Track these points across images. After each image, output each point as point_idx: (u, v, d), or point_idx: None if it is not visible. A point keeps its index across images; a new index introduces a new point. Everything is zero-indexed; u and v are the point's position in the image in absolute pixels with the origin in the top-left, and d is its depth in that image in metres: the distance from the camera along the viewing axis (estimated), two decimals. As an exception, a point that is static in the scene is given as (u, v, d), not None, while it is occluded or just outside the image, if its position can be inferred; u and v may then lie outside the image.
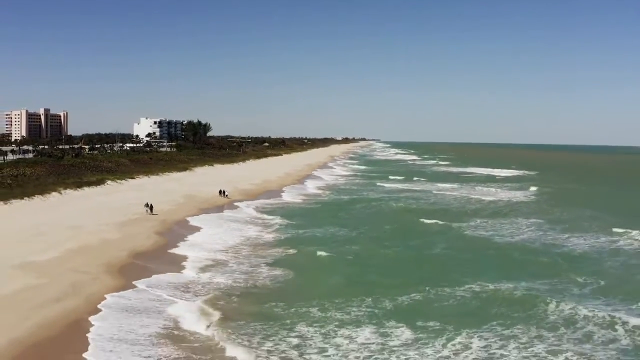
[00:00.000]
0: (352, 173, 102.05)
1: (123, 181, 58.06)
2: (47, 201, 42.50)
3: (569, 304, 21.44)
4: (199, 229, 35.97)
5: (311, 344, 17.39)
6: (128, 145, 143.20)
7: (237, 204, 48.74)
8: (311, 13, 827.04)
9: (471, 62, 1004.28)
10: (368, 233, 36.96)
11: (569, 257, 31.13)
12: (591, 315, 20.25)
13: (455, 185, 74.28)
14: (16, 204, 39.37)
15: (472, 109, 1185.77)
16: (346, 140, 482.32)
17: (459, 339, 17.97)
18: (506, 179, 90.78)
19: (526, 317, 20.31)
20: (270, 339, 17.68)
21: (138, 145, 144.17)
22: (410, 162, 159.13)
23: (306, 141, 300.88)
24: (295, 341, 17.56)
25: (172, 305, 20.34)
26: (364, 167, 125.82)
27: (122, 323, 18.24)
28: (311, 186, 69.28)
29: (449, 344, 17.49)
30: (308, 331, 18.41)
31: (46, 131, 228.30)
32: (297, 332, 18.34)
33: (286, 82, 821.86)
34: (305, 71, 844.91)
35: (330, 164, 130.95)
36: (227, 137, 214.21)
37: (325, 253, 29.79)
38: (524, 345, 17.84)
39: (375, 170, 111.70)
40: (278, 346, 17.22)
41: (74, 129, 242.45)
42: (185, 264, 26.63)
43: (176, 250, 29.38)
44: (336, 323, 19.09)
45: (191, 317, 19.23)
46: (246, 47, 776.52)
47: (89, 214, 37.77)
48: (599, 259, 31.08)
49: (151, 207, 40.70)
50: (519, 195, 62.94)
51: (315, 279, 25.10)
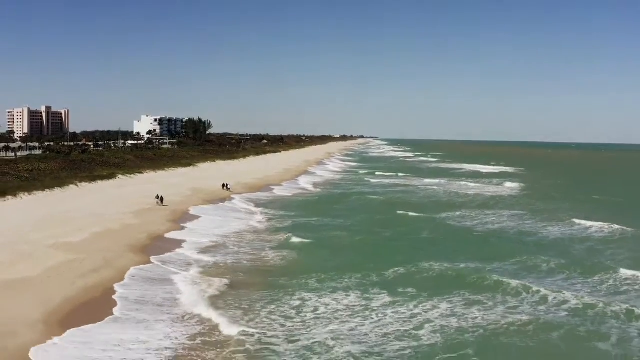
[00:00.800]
0: (347, 169, 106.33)
1: (132, 176, 61.82)
2: (66, 193, 46.21)
3: (531, 278, 25.14)
4: (206, 217, 39.71)
5: (308, 305, 21.06)
6: (130, 142, 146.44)
7: (239, 196, 52.45)
8: (310, 12, 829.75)
9: (470, 61, 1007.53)
10: (360, 222, 40.65)
11: (540, 243, 34.81)
12: (548, 286, 23.83)
13: (440, 181, 78.25)
14: (39, 195, 43.07)
15: (470, 108, 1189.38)
16: (344, 138, 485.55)
17: (430, 302, 21.60)
18: (491, 175, 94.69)
19: (492, 287, 23.67)
20: (273, 303, 21.39)
21: (140, 142, 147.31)
22: (402, 159, 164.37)
23: (304, 139, 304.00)
24: (293, 298, 21.33)
25: (184, 277, 23.96)
26: (359, 164, 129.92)
27: (143, 289, 21.92)
28: (309, 181, 73.11)
29: (420, 305, 21.15)
30: (303, 294, 22.13)
31: (47, 128, 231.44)
32: (295, 296, 22.07)
33: (284, 80, 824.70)
34: (303, 70, 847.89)
35: (328, 160, 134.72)
36: (225, 134, 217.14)
37: (321, 239, 33.50)
38: (486, 307, 21.42)
39: (369, 166, 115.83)
40: (280, 307, 20.88)
41: (74, 126, 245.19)
42: (196, 245, 30.27)
43: (187, 234, 33.06)
44: (330, 288, 22.83)
45: (200, 286, 22.78)
46: (245, 46, 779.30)
47: (106, 204, 41.47)
48: (567, 244, 34.61)
49: (161, 199, 44.25)
50: (501, 190, 66.74)
51: (311, 260, 28.48)
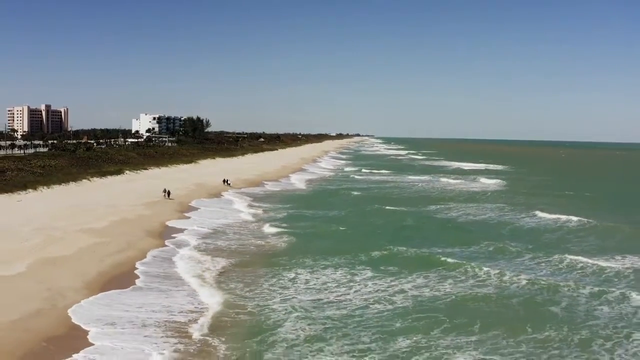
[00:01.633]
0: (340, 166, 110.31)
1: (138, 171, 65.63)
2: (81, 187, 50.02)
3: (500, 260, 28.90)
4: (210, 209, 43.57)
5: (300, 278, 24.84)
6: (129, 140, 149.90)
7: (240, 190, 56.33)
8: (307, 12, 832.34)
9: (468, 60, 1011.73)
10: (350, 214, 44.43)
11: (514, 231, 38.43)
12: (514, 266, 27.64)
13: (426, 177, 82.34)
14: (57, 188, 46.86)
15: (469, 107, 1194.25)
16: (340, 136, 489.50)
17: (407, 278, 25.34)
18: (480, 172, 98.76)
19: (464, 266, 27.18)
20: (273, 277, 25.20)
21: (140, 140, 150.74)
22: (393, 157, 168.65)
23: (300, 137, 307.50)
24: (289, 275, 25.22)
25: (195, 257, 27.76)
26: (352, 161, 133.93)
27: (162, 267, 25.71)
28: (304, 177, 77.05)
29: (397, 280, 24.90)
30: (298, 272, 25.85)
31: (47, 126, 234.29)
32: (289, 273, 25.82)
33: (281, 79, 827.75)
34: (299, 69, 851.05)
35: (323, 158, 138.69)
36: (222, 132, 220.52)
37: (314, 227, 37.34)
38: (457, 281, 25.16)
39: (361, 164, 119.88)
40: (278, 281, 24.66)
41: (73, 124, 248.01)
42: (203, 232, 34.10)
43: (194, 223, 36.79)
44: (323, 264, 26.69)
45: (209, 264, 26.57)
46: (242, 45, 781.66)
47: (118, 196, 45.24)
48: (540, 233, 38.16)
49: (168, 193, 47.91)
50: (485, 186, 70.64)
51: (305, 244, 31.96)
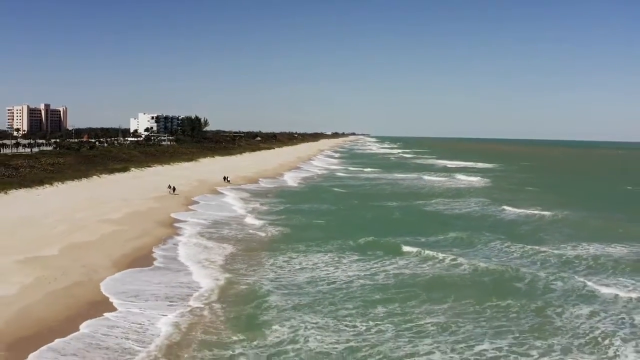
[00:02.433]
0: (335, 164, 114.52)
1: (143, 169, 69.37)
2: (92, 182, 53.70)
3: (477, 245, 32.68)
4: (213, 203, 47.43)
5: (295, 261, 28.58)
6: (129, 139, 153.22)
7: (240, 186, 60.13)
8: (306, 11, 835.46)
9: (466, 59, 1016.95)
10: (343, 207, 48.32)
11: (491, 223, 42.20)
12: (489, 250, 31.53)
13: (414, 175, 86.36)
14: (70, 184, 50.56)
15: (466, 106, 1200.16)
16: (336, 135, 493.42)
17: (390, 260, 29.00)
18: (463, 169, 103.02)
19: (444, 250, 30.91)
20: (271, 259, 28.98)
21: (139, 139, 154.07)
22: (383, 155, 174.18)
23: (296, 136, 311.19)
24: (282, 257, 29.00)
25: (205, 244, 31.51)
26: (346, 160, 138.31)
27: (177, 251, 29.47)
28: (300, 174, 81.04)
29: (381, 262, 28.65)
30: (292, 255, 29.62)
31: (46, 126, 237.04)
32: (286, 255, 29.63)
33: (278, 78, 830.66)
34: (297, 68, 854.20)
35: (318, 156, 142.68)
36: (218, 131, 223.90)
37: (309, 219, 41.15)
38: (436, 262, 28.73)
39: (354, 162, 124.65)
40: (276, 260, 28.46)
41: (71, 123, 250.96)
42: (208, 222, 37.84)
43: (200, 215, 40.58)
44: (315, 250, 30.48)
45: (217, 250, 30.30)
46: (238, 45, 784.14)
47: (128, 191, 48.96)
48: (517, 224, 41.89)
49: (174, 188, 51.52)
50: (471, 183, 74.62)
51: (300, 233, 35.66)
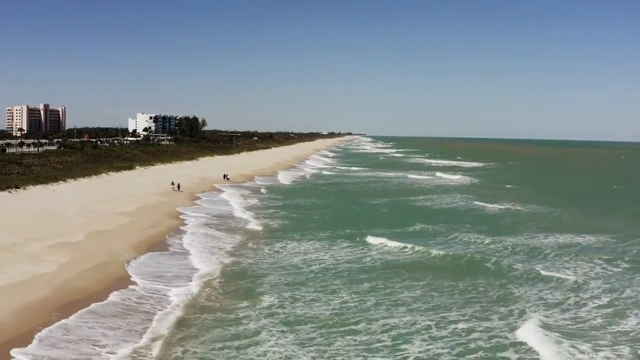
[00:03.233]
0: (329, 163, 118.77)
1: (147, 167, 73.01)
2: (102, 179, 57.28)
3: (454, 233, 36.26)
4: (215, 198, 51.16)
5: (290, 247, 32.16)
6: (129, 138, 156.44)
7: (240, 184, 63.80)
8: (300, 12, 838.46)
9: (464, 58, 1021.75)
10: (336, 202, 52.09)
11: (472, 216, 45.79)
12: (464, 237, 35.22)
13: (404, 173, 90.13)
14: (82, 180, 54.13)
15: (464, 107, 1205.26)
16: (332, 135, 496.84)
17: (377, 247, 32.65)
18: (458, 168, 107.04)
19: (425, 240, 34.77)
20: (268, 245, 32.61)
21: (138, 139, 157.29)
22: (375, 154, 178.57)
23: (292, 136, 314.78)
24: (279, 244, 32.64)
25: (212, 233, 35.13)
26: (340, 159, 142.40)
27: (189, 239, 33.04)
28: (297, 172, 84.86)
29: (367, 248, 32.30)
30: (291, 243, 33.27)
31: (45, 125, 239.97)
32: (284, 240, 33.29)
33: (274, 78, 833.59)
34: (292, 68, 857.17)
35: (314, 156, 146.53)
36: (215, 131, 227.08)
37: (304, 211, 44.85)
38: (418, 246, 32.41)
39: (347, 161, 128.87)
40: (274, 246, 32.10)
41: (70, 123, 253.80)
42: (212, 215, 41.59)
43: (204, 209, 44.34)
44: (307, 238, 34.12)
45: (221, 238, 33.98)
46: (234, 45, 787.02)
47: (136, 188, 52.53)
48: (498, 217, 45.57)
49: (178, 186, 54.83)
50: (458, 181, 78.42)
51: (296, 224, 39.44)
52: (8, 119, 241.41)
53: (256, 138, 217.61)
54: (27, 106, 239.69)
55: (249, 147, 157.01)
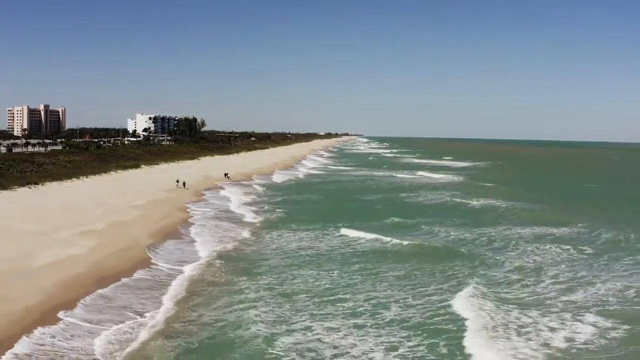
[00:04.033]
0: (326, 163, 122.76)
1: (152, 166, 76.80)
2: (111, 177, 61.04)
3: (438, 225, 39.97)
4: (219, 194, 54.95)
5: (286, 235, 35.92)
6: (129, 139, 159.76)
7: (240, 182, 67.66)
8: (298, 12, 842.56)
9: (462, 59, 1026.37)
10: (331, 198, 55.92)
11: (460, 209, 49.76)
12: (450, 228, 38.83)
13: (396, 172, 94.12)
14: (93, 178, 57.90)
15: (462, 107, 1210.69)
16: (329, 136, 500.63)
17: (367, 235, 36.33)
18: (449, 168, 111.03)
19: (411, 230, 38.67)
20: (269, 234, 36.39)
21: (139, 139, 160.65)
22: (368, 154, 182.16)
23: (290, 136, 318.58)
24: (277, 233, 36.41)
25: (217, 224, 38.90)
26: (336, 159, 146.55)
27: (195, 229, 36.74)
28: (294, 171, 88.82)
29: (358, 237, 36.07)
30: (288, 232, 37.06)
31: (46, 126, 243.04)
32: (282, 230, 37.10)
33: (272, 78, 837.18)
34: (289, 68, 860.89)
35: (310, 156, 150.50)
36: (212, 131, 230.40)
37: (301, 207, 48.68)
38: (406, 236, 36.20)
39: (343, 161, 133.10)
40: (273, 233, 35.87)
41: (70, 123, 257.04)
42: (216, 208, 45.31)
43: (209, 203, 48.11)
44: (303, 228, 37.91)
45: (226, 228, 37.74)
46: (232, 45, 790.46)
47: (144, 184, 56.30)
48: (481, 211, 49.46)
49: (184, 184, 58.35)
50: (449, 179, 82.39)
51: (294, 216, 43.13)
52: (9, 120, 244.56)
53: (254, 138, 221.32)
54: (27, 107, 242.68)
55: (247, 147, 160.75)
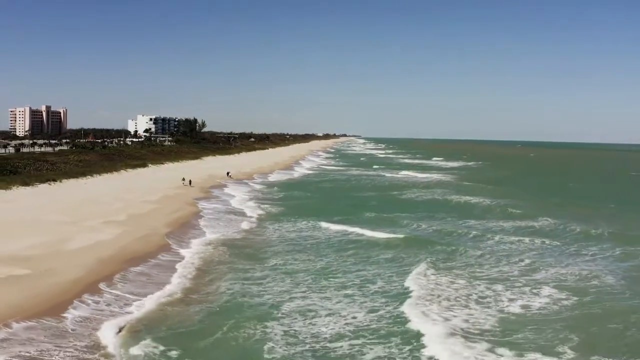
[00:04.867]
0: (324, 163, 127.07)
1: (159, 165, 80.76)
2: (122, 175, 65.07)
3: (425, 218, 44.27)
4: (224, 190, 58.94)
5: (286, 226, 39.96)
6: (132, 139, 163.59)
7: (242, 180, 71.72)
8: (295, 13, 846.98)
9: (460, 60, 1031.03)
10: (328, 194, 60.01)
11: (455, 205, 53.78)
12: (438, 222, 43.15)
13: (390, 171, 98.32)
14: (105, 176, 61.93)
15: (461, 108, 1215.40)
16: (327, 137, 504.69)
17: (360, 226, 40.44)
18: (442, 168, 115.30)
19: (401, 223, 42.73)
20: (273, 225, 40.43)
21: (140, 139, 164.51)
22: (360, 154, 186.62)
23: (288, 137, 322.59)
24: (279, 225, 40.45)
25: (224, 216, 42.93)
26: (333, 159, 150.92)
27: (204, 220, 40.79)
28: (293, 170, 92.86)
29: (351, 228, 40.06)
30: (287, 224, 41.11)
31: (47, 127, 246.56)
32: (283, 222, 41.17)
33: (270, 79, 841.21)
34: (287, 68, 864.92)
35: (309, 156, 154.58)
36: (211, 132, 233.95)
37: (300, 202, 52.77)
38: (397, 228, 40.25)
39: (340, 161, 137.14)
40: (275, 225, 39.93)
41: (71, 124, 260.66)
42: (222, 202, 49.32)
43: (215, 199, 52.07)
44: (302, 221, 41.96)
45: (233, 220, 41.81)
46: (230, 46, 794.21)
47: (153, 182, 60.29)
48: (468, 207, 53.47)
49: (190, 182, 62.47)
50: (441, 177, 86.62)
51: (294, 210, 47.18)
52: (11, 120, 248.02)
53: (253, 139, 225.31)
54: (30, 108, 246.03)
55: (247, 147, 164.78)
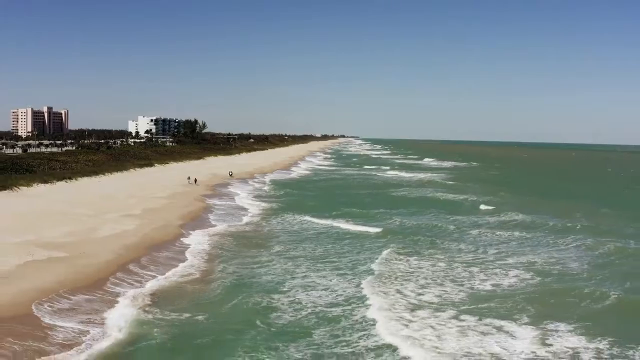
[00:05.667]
0: (321, 162, 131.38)
1: (164, 165, 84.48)
2: (132, 174, 68.85)
3: (416, 214, 48.29)
4: (228, 189, 62.70)
5: (287, 220, 43.85)
6: (135, 140, 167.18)
7: (244, 179, 75.49)
8: (295, 14, 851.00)
9: (459, 60, 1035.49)
10: (326, 193, 63.87)
11: (440, 202, 57.77)
12: (427, 217, 47.15)
13: (388, 170, 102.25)
14: (116, 174, 65.71)
15: (461, 108, 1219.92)
16: (325, 137, 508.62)
17: (356, 220, 44.43)
18: (437, 167, 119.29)
19: (391, 216, 46.65)
20: (277, 218, 44.31)
21: (141, 140, 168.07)
22: (356, 154, 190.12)
23: (287, 138, 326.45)
24: (281, 219, 44.33)
25: (229, 211, 46.77)
26: (331, 160, 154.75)
27: (214, 214, 44.62)
28: (292, 170, 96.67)
29: (347, 223, 44.04)
30: (288, 217, 44.98)
31: (49, 127, 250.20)
32: (284, 216, 45.03)
33: (269, 79, 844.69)
34: (287, 69, 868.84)
35: (307, 157, 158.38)
36: (210, 133, 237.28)
37: (300, 199, 56.66)
38: (386, 220, 44.32)
39: (338, 161, 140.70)
40: (278, 219, 43.81)
41: (72, 125, 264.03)
42: (228, 199, 53.13)
43: (220, 196, 55.84)
44: (303, 215, 45.83)
45: (240, 214, 45.68)
46: (229, 47, 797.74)
47: (162, 180, 64.07)
48: (454, 204, 57.65)
49: (195, 180, 66.24)
50: (435, 177, 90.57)
51: (294, 206, 51.11)
52: (13, 121, 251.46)
53: (252, 140, 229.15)
54: (31, 108, 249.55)
55: (247, 148, 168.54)
